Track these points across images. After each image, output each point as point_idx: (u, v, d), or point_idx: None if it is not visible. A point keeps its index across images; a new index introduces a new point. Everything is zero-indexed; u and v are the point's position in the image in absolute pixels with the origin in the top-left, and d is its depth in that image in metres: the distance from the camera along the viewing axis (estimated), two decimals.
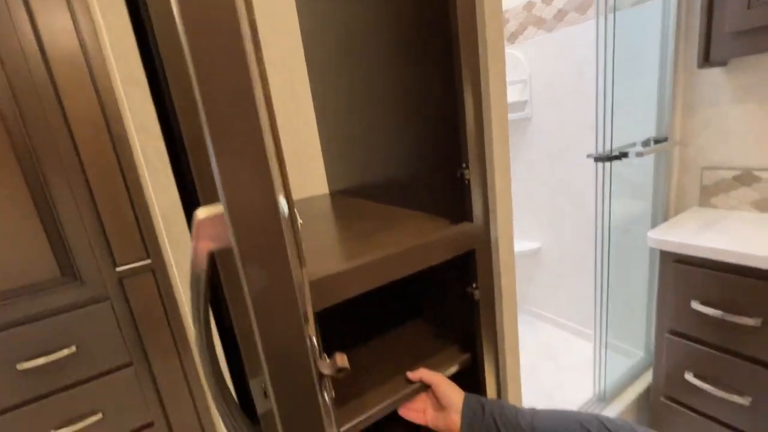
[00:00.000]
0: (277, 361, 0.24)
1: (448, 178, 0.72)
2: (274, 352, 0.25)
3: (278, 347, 0.26)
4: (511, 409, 0.61)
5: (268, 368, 0.20)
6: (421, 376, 0.70)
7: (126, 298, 1.12)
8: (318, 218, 0.92)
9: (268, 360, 0.24)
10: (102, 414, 1.23)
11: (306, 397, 0.17)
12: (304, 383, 0.18)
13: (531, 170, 2.01)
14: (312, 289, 0.54)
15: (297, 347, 0.26)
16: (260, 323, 0.24)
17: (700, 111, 1.28)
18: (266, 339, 0.26)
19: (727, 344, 1.02)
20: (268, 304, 0.25)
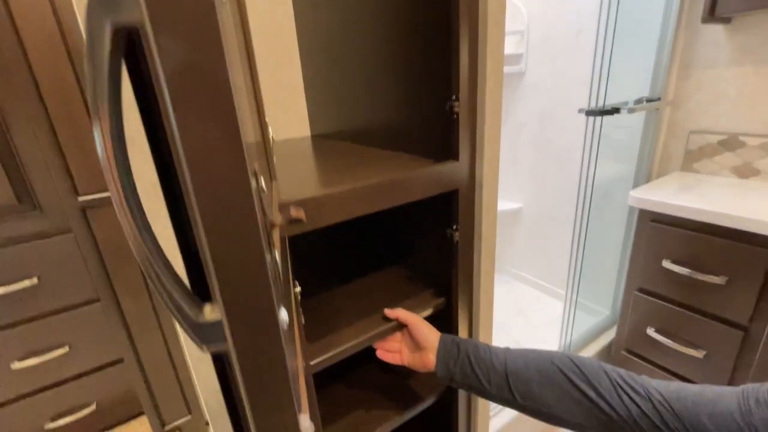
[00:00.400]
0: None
1: (436, 114, 0.68)
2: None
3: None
4: (486, 349, 0.61)
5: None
6: (398, 315, 0.69)
7: (91, 231, 1.06)
8: (296, 155, 0.87)
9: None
10: (68, 347, 1.21)
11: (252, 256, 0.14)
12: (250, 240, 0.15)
13: (519, 129, 1.98)
14: (287, 213, 0.51)
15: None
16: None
17: (696, 73, 1.25)
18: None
19: (690, 301, 1.06)
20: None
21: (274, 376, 0.15)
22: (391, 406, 0.83)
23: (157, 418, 1.33)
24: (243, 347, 0.14)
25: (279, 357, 0.14)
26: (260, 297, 0.14)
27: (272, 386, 0.15)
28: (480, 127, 0.68)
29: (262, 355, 0.14)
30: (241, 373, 0.14)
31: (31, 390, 1.20)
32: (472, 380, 0.59)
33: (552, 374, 0.53)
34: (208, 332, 0.16)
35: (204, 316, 0.17)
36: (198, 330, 0.17)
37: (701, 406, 0.42)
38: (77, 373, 1.25)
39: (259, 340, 0.14)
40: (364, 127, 0.89)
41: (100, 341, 1.26)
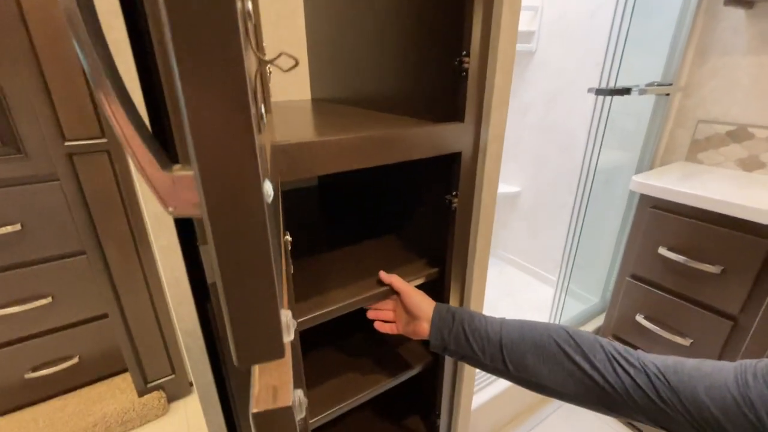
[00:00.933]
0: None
1: (444, 72, 0.64)
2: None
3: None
4: (481, 319, 0.60)
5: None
6: (392, 281, 0.68)
7: (77, 180, 1.03)
8: (294, 112, 0.83)
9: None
10: (52, 298, 1.18)
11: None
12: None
13: (524, 111, 1.94)
14: (281, 156, 0.48)
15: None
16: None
17: (711, 60, 1.22)
18: None
19: (682, 290, 1.06)
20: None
21: (253, 252, 0.12)
22: (377, 374, 0.82)
23: (140, 375, 1.33)
24: (217, 210, 0.11)
25: (260, 228, 0.12)
26: (241, 152, 0.11)
27: (250, 265, 0.12)
28: (489, 88, 0.65)
29: (239, 223, 0.12)
30: (215, 245, 0.12)
31: (12, 338, 1.18)
32: (465, 350, 0.58)
33: (547, 346, 0.52)
34: (178, 188, 0.14)
35: (172, 171, 0.14)
36: (165, 184, 0.14)
37: (698, 379, 0.42)
38: (60, 325, 1.24)
39: (237, 203, 0.12)
40: (367, 90, 0.85)
41: (84, 295, 1.24)
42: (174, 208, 0.15)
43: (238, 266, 0.12)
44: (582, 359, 0.48)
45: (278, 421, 0.15)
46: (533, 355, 0.52)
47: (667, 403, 0.42)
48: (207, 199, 0.11)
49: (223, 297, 0.13)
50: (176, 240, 0.44)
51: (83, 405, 1.29)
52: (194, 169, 0.11)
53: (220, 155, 0.11)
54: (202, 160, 0.11)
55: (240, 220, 0.12)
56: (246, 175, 0.12)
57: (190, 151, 0.11)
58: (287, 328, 0.14)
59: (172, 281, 0.45)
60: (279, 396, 0.16)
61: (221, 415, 0.62)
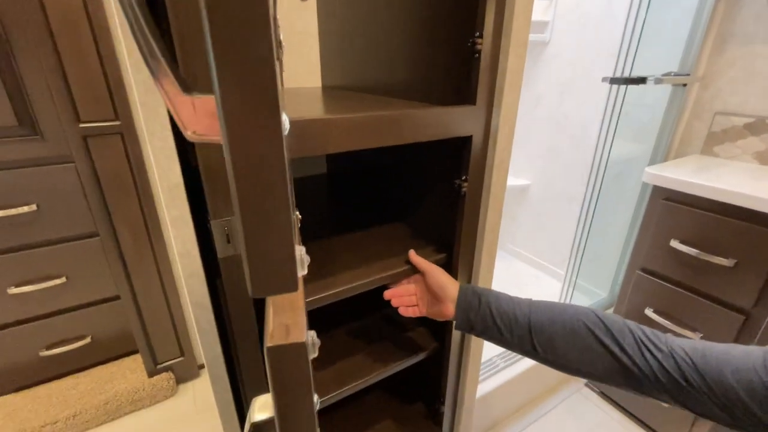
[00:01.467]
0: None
1: (456, 54, 0.64)
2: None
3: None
4: (508, 300, 0.59)
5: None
6: (416, 261, 0.68)
7: (91, 161, 1.04)
8: (304, 96, 0.83)
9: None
10: (66, 279, 1.21)
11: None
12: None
13: (536, 103, 1.92)
14: (293, 132, 0.48)
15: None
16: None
17: (731, 48, 1.19)
18: None
19: (693, 283, 1.05)
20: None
21: (270, 180, 0.12)
22: (382, 358, 0.83)
23: (151, 356, 1.35)
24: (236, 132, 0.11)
25: (277, 155, 0.12)
26: (262, 77, 0.12)
27: (267, 192, 0.12)
28: (502, 70, 0.64)
29: (258, 147, 0.12)
30: (234, 170, 0.12)
31: (28, 317, 1.21)
32: (492, 331, 0.58)
33: (577, 330, 0.52)
34: (198, 111, 0.14)
35: (193, 95, 0.15)
36: (187, 107, 0.14)
37: (725, 362, 0.42)
38: (73, 305, 1.26)
39: (256, 127, 0.12)
40: (379, 76, 0.85)
41: (97, 276, 1.26)
42: (194, 132, 0.15)
43: (255, 193, 0.12)
44: (611, 342, 0.48)
45: (291, 355, 0.16)
46: (562, 338, 0.52)
47: (692, 386, 0.43)
48: (227, 121, 0.11)
49: (240, 224, 0.13)
50: (188, 211, 0.45)
51: (95, 384, 1.32)
52: (215, 91, 0.11)
53: (240, 76, 0.11)
54: (223, 83, 0.12)
55: (258, 144, 0.12)
56: (265, 100, 0.12)
57: (212, 74, 0.11)
58: (301, 262, 0.14)
59: (183, 252, 0.46)
60: (292, 333, 0.16)
61: (230, 391, 0.63)
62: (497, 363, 1.27)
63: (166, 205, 0.45)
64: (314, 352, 0.17)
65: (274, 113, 0.12)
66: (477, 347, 0.94)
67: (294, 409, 0.17)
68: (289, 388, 0.17)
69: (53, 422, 1.19)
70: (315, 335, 0.17)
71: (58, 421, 1.19)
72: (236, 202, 0.13)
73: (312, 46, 1.09)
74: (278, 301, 0.18)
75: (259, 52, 0.12)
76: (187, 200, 0.47)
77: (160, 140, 0.42)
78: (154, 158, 0.43)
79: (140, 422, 1.29)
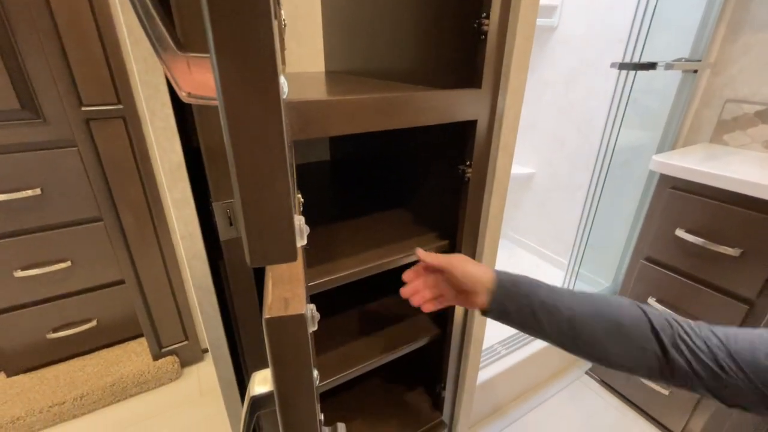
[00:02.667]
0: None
1: (462, 37, 0.62)
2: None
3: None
4: (549, 291, 0.55)
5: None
6: (432, 260, 0.61)
7: (94, 145, 1.04)
8: (307, 80, 0.82)
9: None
10: (71, 263, 1.22)
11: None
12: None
13: (542, 90, 1.89)
14: (293, 114, 0.48)
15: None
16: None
17: (744, 36, 1.16)
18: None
19: (698, 273, 1.04)
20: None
21: (268, 146, 0.12)
22: (384, 343, 0.83)
23: (155, 340, 1.37)
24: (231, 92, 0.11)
25: (275, 119, 0.12)
26: (259, 37, 0.11)
27: (264, 159, 0.12)
28: (508, 52, 0.63)
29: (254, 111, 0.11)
30: (230, 134, 0.12)
31: (34, 300, 1.22)
32: (530, 322, 0.55)
33: (622, 324, 0.50)
34: (193, 71, 0.14)
35: (187, 53, 0.14)
36: (181, 62, 0.14)
37: (758, 344, 0.42)
38: (79, 288, 1.28)
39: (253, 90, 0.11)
40: (383, 60, 0.84)
41: (102, 260, 1.27)
42: (189, 93, 0.15)
43: (252, 157, 0.12)
44: (654, 338, 0.48)
45: (290, 328, 0.15)
46: (605, 332, 0.50)
47: (728, 373, 0.42)
48: (222, 81, 0.11)
49: (237, 190, 0.12)
50: (190, 193, 0.45)
51: (101, 366, 1.34)
52: (210, 49, 0.11)
53: (236, 33, 0.11)
54: (218, 40, 0.11)
55: (255, 105, 0.11)
56: (263, 58, 0.11)
57: (207, 30, 0.11)
58: (300, 232, 0.14)
59: (185, 235, 0.46)
60: (291, 305, 0.16)
61: (232, 373, 0.64)
62: (498, 350, 1.27)
63: (168, 187, 0.45)
64: (313, 326, 0.16)
65: (271, 72, 0.11)
66: (478, 333, 0.94)
67: (293, 383, 0.17)
68: (288, 362, 0.17)
69: (61, 403, 1.21)
70: (314, 308, 0.17)
71: (66, 402, 1.22)
72: (233, 168, 0.12)
73: (315, 31, 1.07)
74: (277, 274, 0.17)
75: (256, 8, 0.11)
76: (189, 182, 0.46)
77: (161, 120, 0.42)
78: (155, 139, 0.42)
79: (145, 404, 1.31)
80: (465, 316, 0.89)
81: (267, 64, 0.11)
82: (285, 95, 0.13)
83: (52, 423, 1.21)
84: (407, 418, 0.98)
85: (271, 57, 0.11)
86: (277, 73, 0.11)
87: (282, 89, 0.12)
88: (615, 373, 1.34)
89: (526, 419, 1.29)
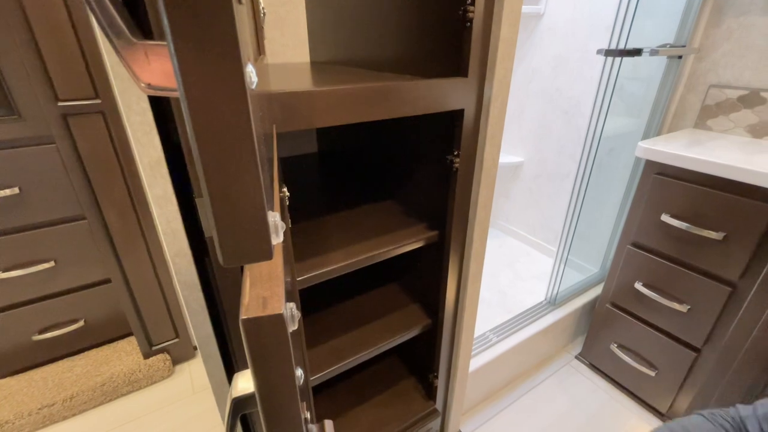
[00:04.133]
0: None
1: (447, 25, 0.61)
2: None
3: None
4: None
5: None
6: None
7: (73, 141, 1.01)
8: (291, 71, 0.80)
9: None
10: (54, 263, 1.19)
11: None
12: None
13: (530, 77, 1.89)
14: (277, 105, 0.47)
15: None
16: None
17: (727, 20, 1.17)
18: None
19: (683, 256, 1.06)
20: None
21: (235, 140, 0.11)
22: (376, 334, 0.83)
23: (145, 338, 1.36)
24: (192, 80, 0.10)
25: (242, 112, 0.11)
26: (220, 20, 0.10)
27: (232, 152, 0.11)
28: (494, 40, 0.62)
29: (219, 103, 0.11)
30: (192, 122, 0.11)
31: (18, 301, 1.20)
32: None
33: None
34: (152, 60, 0.13)
35: (144, 41, 0.13)
36: (136, 51, 0.13)
37: None
38: (64, 289, 1.25)
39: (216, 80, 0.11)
40: (369, 50, 0.82)
41: (86, 259, 1.25)
42: (148, 84, 0.14)
43: (219, 151, 0.11)
44: None
45: (267, 327, 0.15)
46: None
47: None
48: (182, 70, 0.10)
49: (205, 187, 0.12)
50: (171, 189, 0.43)
51: (91, 366, 1.32)
52: (166, 34, 0.10)
53: (194, 21, 0.10)
54: (174, 28, 0.10)
55: (219, 94, 0.11)
56: (224, 49, 0.11)
57: (162, 17, 0.10)
58: (275, 229, 0.13)
59: (168, 232, 0.45)
60: (269, 304, 0.15)
61: (223, 370, 0.63)
62: (490, 337, 1.29)
63: (148, 183, 0.44)
64: (294, 325, 0.16)
65: (234, 59, 0.11)
66: (470, 322, 0.95)
67: (274, 384, 0.17)
68: (268, 362, 0.16)
69: (50, 404, 1.19)
70: (294, 307, 0.16)
71: (55, 404, 1.20)
72: (199, 164, 0.12)
73: (299, 20, 1.05)
74: (256, 272, 0.17)
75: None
76: (170, 177, 0.45)
77: (137, 114, 0.40)
78: (132, 134, 0.41)
79: (137, 403, 1.30)
80: (456, 305, 0.90)
81: (229, 51, 0.10)
82: (253, 85, 0.12)
83: (41, 425, 1.19)
84: (401, 408, 0.99)
85: (232, 43, 0.10)
86: (240, 60, 0.10)
87: (249, 78, 0.12)
88: (604, 355, 1.37)
89: (519, 404, 1.32)
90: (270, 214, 0.13)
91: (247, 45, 0.13)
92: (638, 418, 1.26)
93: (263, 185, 0.12)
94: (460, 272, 0.86)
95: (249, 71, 0.12)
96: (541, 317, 1.41)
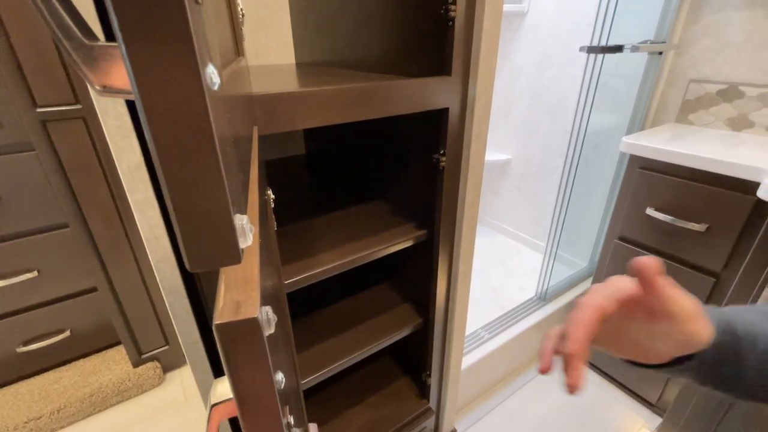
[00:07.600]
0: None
1: (429, 24, 0.62)
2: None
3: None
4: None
5: None
6: (668, 297, 0.33)
7: (53, 148, 0.99)
8: (275, 72, 0.80)
9: None
10: (37, 272, 1.17)
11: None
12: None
13: (516, 75, 1.90)
14: (259, 107, 0.46)
15: None
16: None
17: (705, 16, 1.19)
18: None
19: (667, 249, 1.08)
20: None
21: (195, 145, 0.11)
22: (367, 336, 0.83)
23: (134, 347, 1.33)
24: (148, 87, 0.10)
25: (201, 117, 0.11)
26: (173, 20, 0.10)
27: (192, 158, 0.11)
28: (477, 37, 0.62)
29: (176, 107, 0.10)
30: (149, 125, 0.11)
31: (0, 313, 1.17)
32: (741, 387, 0.36)
33: None
34: (107, 61, 0.13)
35: (97, 42, 0.13)
36: (89, 53, 0.13)
37: None
38: (49, 299, 1.22)
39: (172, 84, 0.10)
40: (353, 51, 0.82)
41: (71, 268, 1.22)
42: (104, 87, 0.13)
43: (179, 155, 0.11)
44: None
45: (242, 333, 0.15)
46: None
47: None
48: (134, 70, 0.10)
49: (165, 191, 0.11)
50: (152, 194, 0.43)
51: (78, 377, 1.30)
52: (118, 37, 0.10)
53: (146, 21, 0.10)
54: (124, 28, 0.10)
55: (175, 101, 0.10)
56: (177, 49, 0.10)
57: (111, 17, 0.10)
58: (243, 233, 0.13)
59: (150, 237, 0.44)
60: (243, 309, 0.15)
61: (212, 376, 0.62)
62: (481, 335, 1.30)
63: (128, 188, 0.43)
64: (270, 329, 0.16)
65: (189, 59, 0.10)
66: (461, 320, 0.95)
67: (252, 390, 0.16)
68: (244, 368, 0.16)
69: (37, 417, 1.17)
70: (271, 311, 0.16)
71: (42, 416, 1.17)
72: (159, 169, 0.11)
73: (284, 21, 1.04)
74: (231, 277, 0.17)
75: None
76: (150, 182, 0.44)
77: (114, 119, 0.40)
78: (110, 138, 0.40)
79: (127, 413, 1.28)
80: (446, 303, 0.90)
81: (184, 51, 0.10)
82: (215, 86, 0.12)
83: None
84: (396, 408, 0.99)
85: (187, 43, 0.10)
86: (196, 60, 0.10)
87: (210, 79, 0.11)
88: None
89: (513, 399, 1.33)
90: (237, 218, 0.13)
91: (209, 46, 0.12)
92: (631, 410, 1.27)
93: (227, 188, 0.12)
94: (449, 270, 0.87)
95: (209, 72, 0.12)
96: (532, 313, 1.42)
